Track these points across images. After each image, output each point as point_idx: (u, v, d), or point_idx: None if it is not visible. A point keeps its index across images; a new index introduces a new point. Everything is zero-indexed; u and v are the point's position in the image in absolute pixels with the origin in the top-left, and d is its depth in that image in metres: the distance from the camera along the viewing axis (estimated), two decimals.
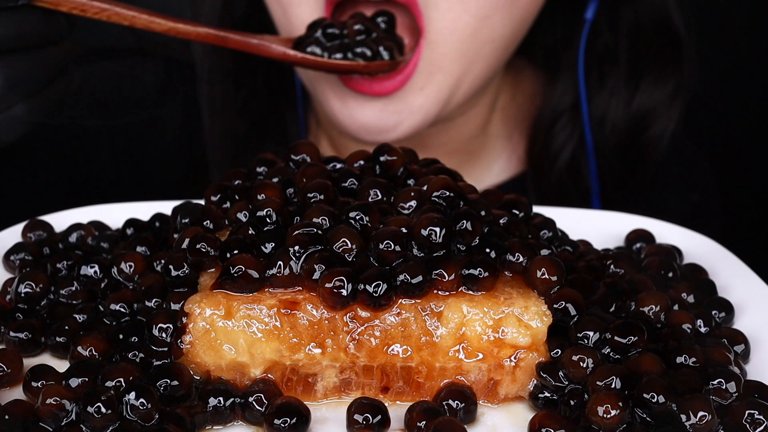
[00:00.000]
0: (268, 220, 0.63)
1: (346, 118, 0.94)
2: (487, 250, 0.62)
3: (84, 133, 1.13)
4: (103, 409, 0.55)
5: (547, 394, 0.60)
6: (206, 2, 1.08)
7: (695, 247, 0.76)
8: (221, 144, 1.10)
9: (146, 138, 1.14)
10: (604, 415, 0.56)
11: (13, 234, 0.75)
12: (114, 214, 0.78)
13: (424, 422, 0.57)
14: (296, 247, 0.60)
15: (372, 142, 0.93)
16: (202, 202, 0.69)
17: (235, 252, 0.61)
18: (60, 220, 0.76)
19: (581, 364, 0.60)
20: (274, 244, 0.61)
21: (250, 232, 0.63)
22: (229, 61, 1.09)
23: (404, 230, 0.61)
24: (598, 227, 0.79)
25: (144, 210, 0.78)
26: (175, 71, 1.15)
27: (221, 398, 0.59)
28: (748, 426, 0.57)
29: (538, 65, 1.14)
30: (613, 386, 0.58)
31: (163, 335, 0.61)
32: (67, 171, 1.12)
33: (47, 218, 0.76)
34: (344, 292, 0.59)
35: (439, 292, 0.60)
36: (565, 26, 1.09)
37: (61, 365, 0.61)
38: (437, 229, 0.61)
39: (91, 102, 1.10)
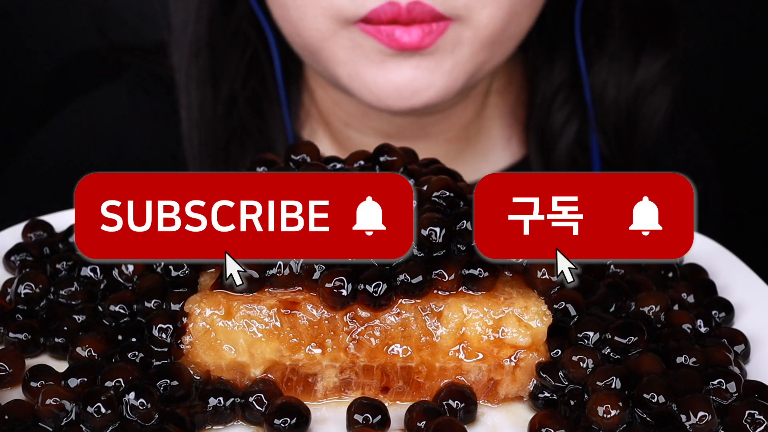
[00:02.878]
0: None
1: (383, 83, 0.93)
2: None
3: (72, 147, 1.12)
4: (103, 409, 0.55)
5: (547, 394, 0.60)
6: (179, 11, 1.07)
7: (695, 247, 0.76)
8: (200, 155, 1.07)
9: (128, 152, 1.13)
10: (604, 415, 0.56)
11: (13, 234, 0.75)
12: None
13: (424, 422, 0.57)
14: None
15: (400, 110, 0.94)
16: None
17: None
18: (60, 220, 0.76)
19: (581, 364, 0.59)
20: None
21: None
22: (206, 65, 1.06)
23: None
24: None
25: None
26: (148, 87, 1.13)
27: (221, 398, 0.59)
28: (748, 426, 0.56)
29: (523, 46, 1.14)
30: (613, 386, 0.58)
31: (163, 335, 0.61)
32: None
33: (47, 218, 0.76)
34: (344, 292, 0.59)
35: (439, 292, 0.60)
36: (556, 3, 1.08)
37: (61, 366, 0.61)
38: (437, 229, 0.61)
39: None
